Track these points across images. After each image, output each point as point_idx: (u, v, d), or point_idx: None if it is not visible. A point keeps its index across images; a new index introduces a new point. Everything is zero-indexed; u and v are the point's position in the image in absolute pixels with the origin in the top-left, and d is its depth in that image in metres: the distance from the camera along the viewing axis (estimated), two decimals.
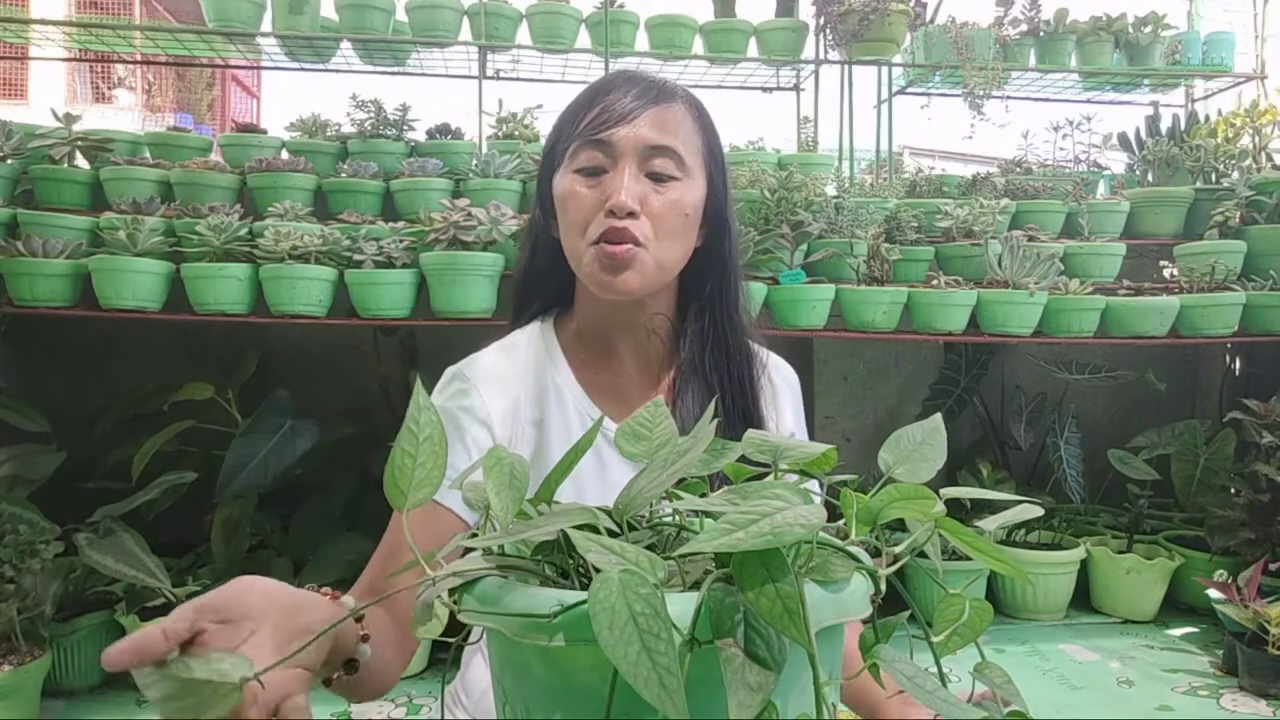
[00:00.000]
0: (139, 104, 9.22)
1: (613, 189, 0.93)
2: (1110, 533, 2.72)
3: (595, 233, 0.93)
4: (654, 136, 0.94)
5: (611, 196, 0.92)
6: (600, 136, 0.93)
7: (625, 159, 0.94)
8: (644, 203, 0.93)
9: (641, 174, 0.94)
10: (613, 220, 0.92)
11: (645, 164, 0.94)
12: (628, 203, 0.92)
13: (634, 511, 0.53)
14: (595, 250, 0.93)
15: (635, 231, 0.92)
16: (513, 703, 0.52)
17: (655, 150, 0.94)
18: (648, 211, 0.93)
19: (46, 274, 2.11)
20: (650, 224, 0.93)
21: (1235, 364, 3.09)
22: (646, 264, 0.94)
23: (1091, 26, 3.05)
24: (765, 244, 2.34)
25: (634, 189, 0.93)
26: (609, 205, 0.92)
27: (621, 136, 0.93)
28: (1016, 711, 0.53)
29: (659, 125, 0.95)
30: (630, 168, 0.93)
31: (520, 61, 3.02)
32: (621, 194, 0.92)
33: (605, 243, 0.92)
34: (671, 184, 0.95)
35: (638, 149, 0.94)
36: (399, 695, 2.04)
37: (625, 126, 0.93)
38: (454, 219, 2.15)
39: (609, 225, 0.92)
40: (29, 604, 1.86)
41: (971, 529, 0.54)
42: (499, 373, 1.01)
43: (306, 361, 2.65)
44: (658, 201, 0.94)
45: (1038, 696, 2.00)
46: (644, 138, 0.94)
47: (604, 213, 0.92)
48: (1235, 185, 2.72)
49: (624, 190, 0.92)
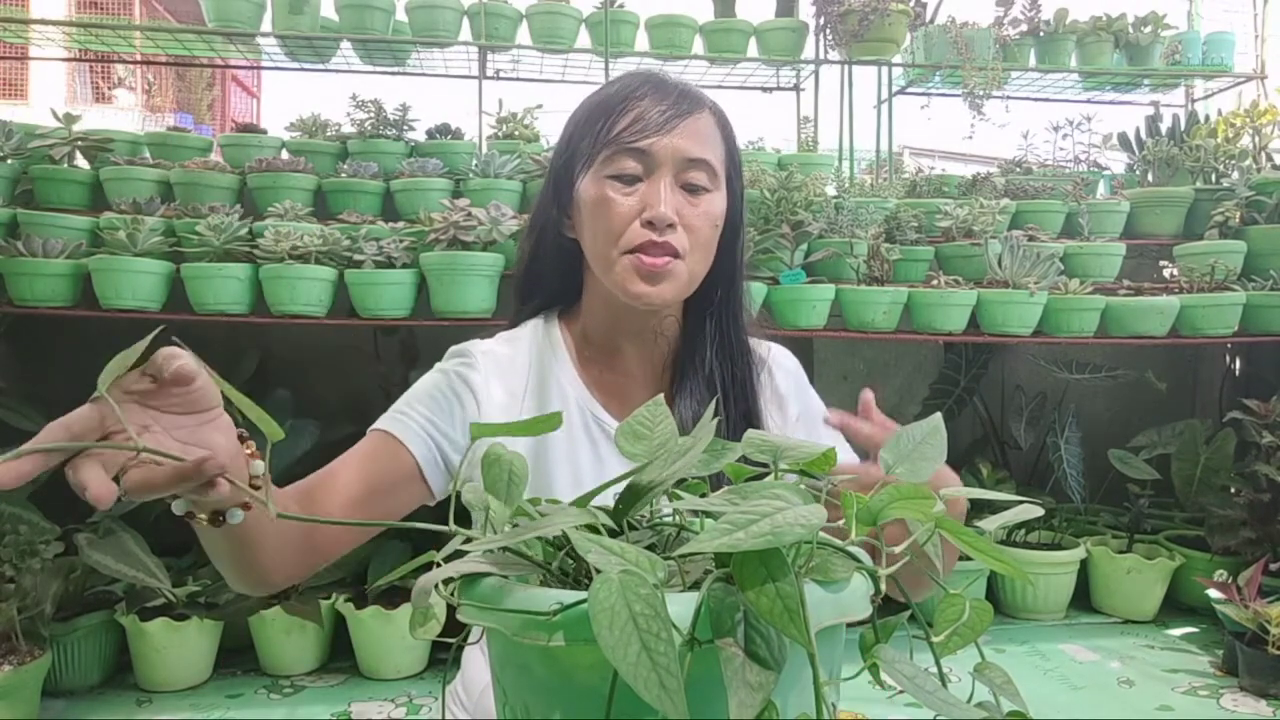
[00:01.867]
0: (139, 104, 9.22)
1: (651, 200, 0.92)
2: (1110, 533, 2.72)
3: (632, 242, 0.92)
4: (692, 149, 0.94)
5: (650, 208, 0.92)
6: (640, 145, 0.93)
7: (662, 169, 0.93)
8: (679, 214, 0.93)
9: (677, 185, 0.94)
10: (651, 233, 0.92)
11: (681, 175, 0.94)
12: (669, 214, 0.91)
13: (634, 512, 0.53)
14: (631, 260, 0.93)
15: (675, 244, 0.92)
16: (512, 702, 0.52)
17: (692, 163, 0.94)
18: (683, 223, 0.93)
19: (46, 274, 2.11)
20: (686, 236, 0.94)
21: (1235, 364, 3.09)
22: (681, 276, 0.94)
23: (1091, 26, 3.04)
24: (765, 244, 2.34)
25: (672, 200, 0.93)
26: (649, 217, 0.92)
27: (661, 147, 0.93)
28: (1016, 712, 0.53)
29: (695, 137, 0.95)
30: (667, 179, 0.93)
31: (520, 61, 3.02)
32: (662, 206, 0.91)
33: (643, 254, 0.92)
34: (704, 196, 0.95)
35: (675, 160, 0.94)
36: (399, 695, 2.04)
37: (664, 137, 0.93)
38: (454, 219, 2.15)
39: (648, 238, 0.92)
40: (29, 604, 1.86)
41: (971, 529, 0.54)
42: (501, 361, 1.01)
43: (306, 361, 2.65)
44: (692, 214, 0.94)
45: (1038, 696, 2.00)
46: (682, 149, 0.93)
47: (641, 223, 0.92)
48: (1235, 185, 2.72)
49: (664, 202, 0.92)
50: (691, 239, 0.94)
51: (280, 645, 2.11)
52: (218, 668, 2.13)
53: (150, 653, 2.02)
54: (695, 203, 0.95)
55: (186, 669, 2.05)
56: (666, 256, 0.92)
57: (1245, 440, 2.56)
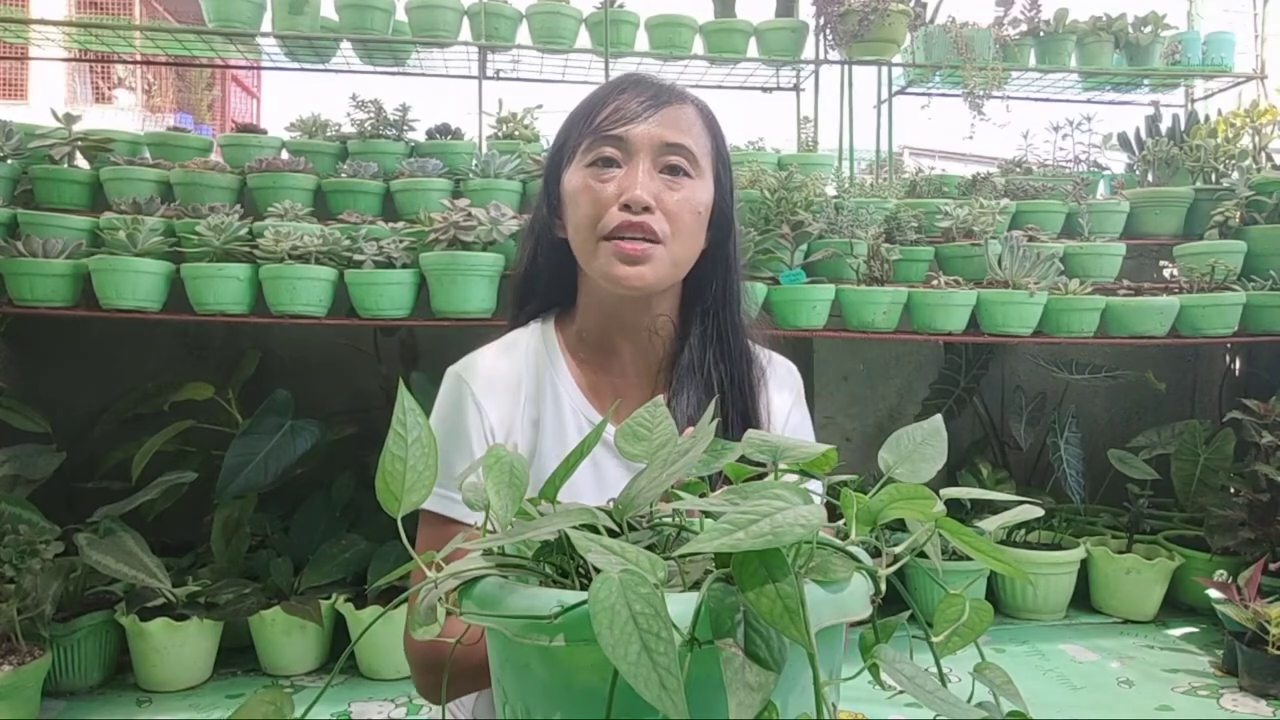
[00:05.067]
0: (139, 104, 9.22)
1: (628, 183, 0.92)
2: (1110, 533, 2.71)
3: (609, 226, 0.93)
4: (668, 134, 0.94)
5: (627, 191, 0.92)
6: (615, 132, 0.93)
7: (640, 155, 0.94)
8: (658, 199, 0.93)
9: (655, 171, 0.94)
10: (628, 215, 0.92)
11: (659, 160, 0.94)
12: (644, 196, 0.92)
13: (634, 511, 0.53)
14: (610, 246, 0.93)
15: (654, 225, 0.92)
16: (513, 703, 0.52)
17: (670, 147, 0.94)
18: (662, 208, 0.93)
19: (46, 274, 2.10)
20: (665, 221, 0.94)
21: (1235, 364, 3.09)
22: (662, 260, 0.94)
23: (1091, 26, 3.04)
24: (765, 244, 2.33)
25: (649, 184, 0.93)
26: (625, 199, 0.92)
27: (637, 133, 0.93)
28: (1016, 712, 0.53)
29: (673, 124, 0.95)
30: (645, 163, 0.94)
31: (520, 61, 3.02)
32: (637, 188, 0.92)
33: (621, 239, 0.92)
34: (685, 181, 0.95)
35: (652, 145, 0.94)
36: (399, 695, 2.04)
37: (640, 124, 0.94)
38: (454, 219, 2.15)
39: (625, 219, 0.92)
40: (29, 604, 1.86)
41: (971, 529, 0.54)
42: (499, 377, 1.02)
43: (306, 361, 2.65)
44: (671, 198, 0.94)
45: (1038, 696, 2.00)
46: (659, 134, 0.94)
47: (619, 206, 0.92)
48: (1235, 185, 2.72)
49: (639, 185, 0.92)
50: (673, 225, 0.94)
51: (280, 645, 2.11)
52: (218, 668, 2.13)
53: (150, 653, 2.02)
54: (675, 187, 0.95)
55: (186, 669, 2.05)
56: (645, 243, 0.92)
57: (1245, 440, 2.56)
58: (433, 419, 1.01)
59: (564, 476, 0.59)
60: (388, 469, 0.56)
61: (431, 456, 0.57)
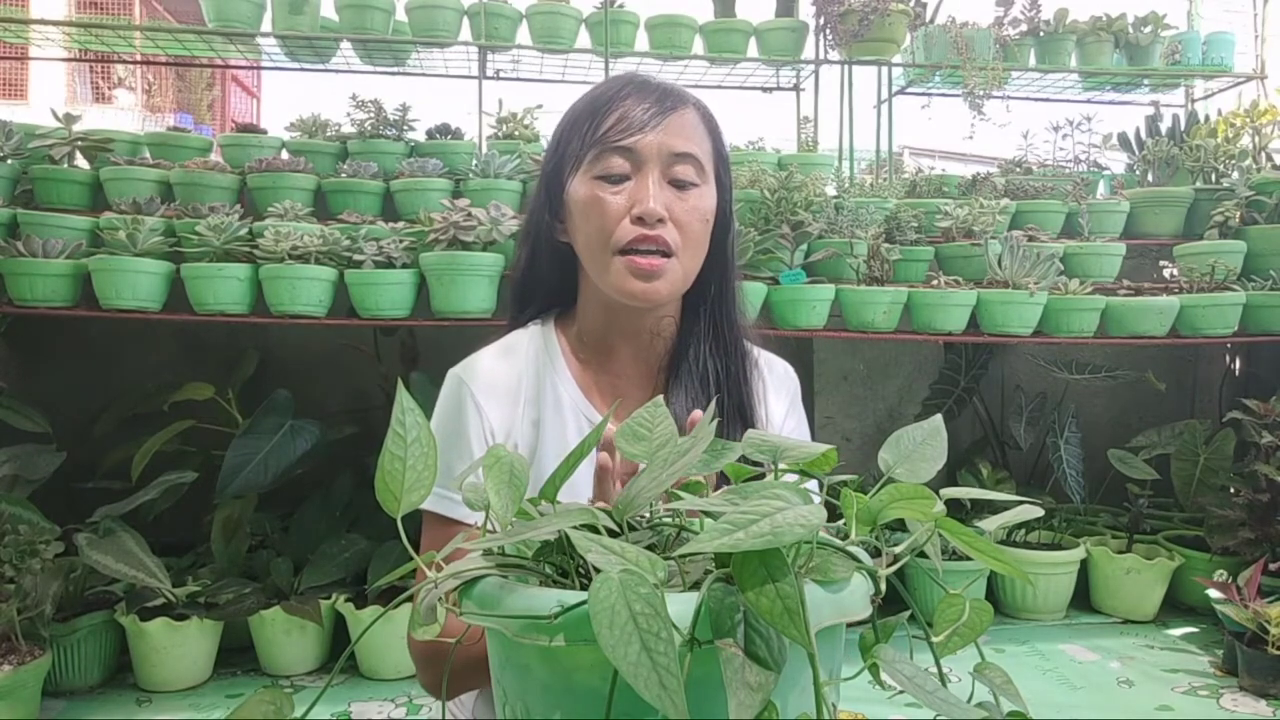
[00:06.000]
0: (139, 104, 9.23)
1: (639, 196, 0.93)
2: (1110, 533, 2.71)
3: (622, 240, 0.93)
4: (677, 144, 0.94)
5: (639, 204, 0.92)
6: (625, 144, 0.93)
7: (649, 166, 0.94)
8: (669, 209, 0.93)
9: (664, 181, 0.94)
10: (642, 228, 0.92)
11: (668, 171, 0.94)
12: (657, 209, 0.92)
13: (634, 511, 0.53)
14: (624, 261, 0.93)
15: (667, 238, 0.93)
16: (513, 703, 0.52)
17: (678, 157, 0.94)
18: (673, 218, 0.94)
19: (46, 274, 2.10)
20: (676, 232, 0.94)
21: (1235, 364, 3.09)
22: (675, 273, 0.95)
23: (1091, 26, 3.04)
24: (765, 244, 2.33)
25: (660, 195, 0.93)
26: (638, 212, 0.92)
27: (646, 144, 0.93)
28: (1016, 712, 0.53)
29: (680, 132, 0.95)
30: (654, 174, 0.94)
31: (520, 61, 3.02)
32: (650, 201, 0.92)
33: (635, 253, 0.92)
34: (693, 190, 0.96)
35: (662, 156, 0.94)
36: (399, 695, 2.04)
37: (649, 134, 0.93)
38: (454, 219, 2.15)
39: (639, 233, 0.92)
40: (29, 604, 1.86)
41: (971, 529, 0.54)
42: (499, 378, 1.02)
43: (306, 361, 2.65)
44: (681, 209, 0.94)
45: (1038, 696, 2.00)
46: (668, 145, 0.94)
47: (631, 219, 0.92)
48: (1235, 185, 2.72)
49: (652, 198, 0.92)
50: (683, 235, 0.94)
51: (280, 645, 2.11)
52: (218, 668, 2.13)
53: (150, 653, 2.02)
54: (684, 198, 0.95)
55: (186, 669, 2.05)
56: (659, 258, 0.93)
57: (1245, 440, 2.56)
58: (433, 420, 1.01)
59: (564, 476, 0.59)
60: (387, 469, 0.56)
61: (431, 457, 0.57)
